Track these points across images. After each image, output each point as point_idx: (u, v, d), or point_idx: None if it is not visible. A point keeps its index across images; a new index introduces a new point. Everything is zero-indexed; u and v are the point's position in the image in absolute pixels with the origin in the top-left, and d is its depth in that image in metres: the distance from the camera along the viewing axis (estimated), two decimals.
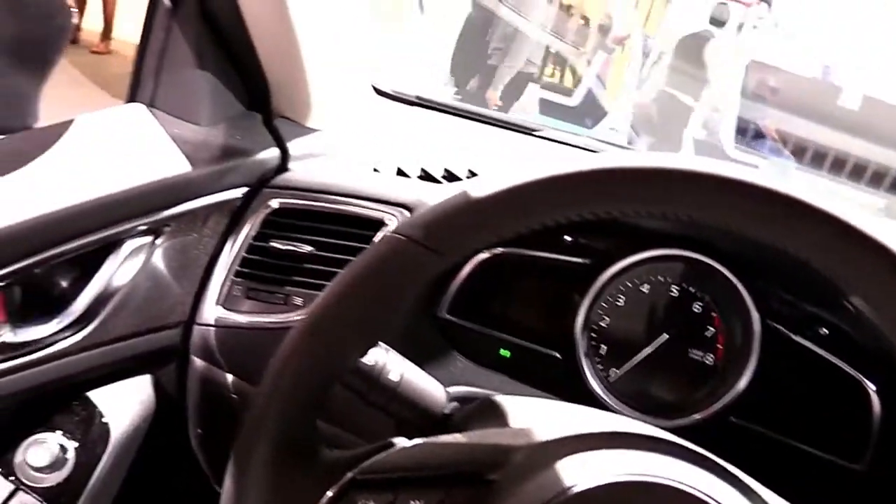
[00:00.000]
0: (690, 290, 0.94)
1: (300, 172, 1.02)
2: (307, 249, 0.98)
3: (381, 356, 0.75)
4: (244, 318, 1.00)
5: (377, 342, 0.72)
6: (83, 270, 0.91)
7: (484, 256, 0.96)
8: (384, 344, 0.74)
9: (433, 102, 1.35)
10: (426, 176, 1.05)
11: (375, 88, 1.27)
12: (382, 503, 0.59)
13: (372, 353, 0.72)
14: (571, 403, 0.75)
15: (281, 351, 0.62)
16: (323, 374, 0.61)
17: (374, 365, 0.77)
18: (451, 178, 1.05)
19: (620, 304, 0.95)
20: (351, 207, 0.98)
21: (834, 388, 0.90)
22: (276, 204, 1.00)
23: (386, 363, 0.76)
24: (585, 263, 0.94)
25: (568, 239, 0.94)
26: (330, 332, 0.61)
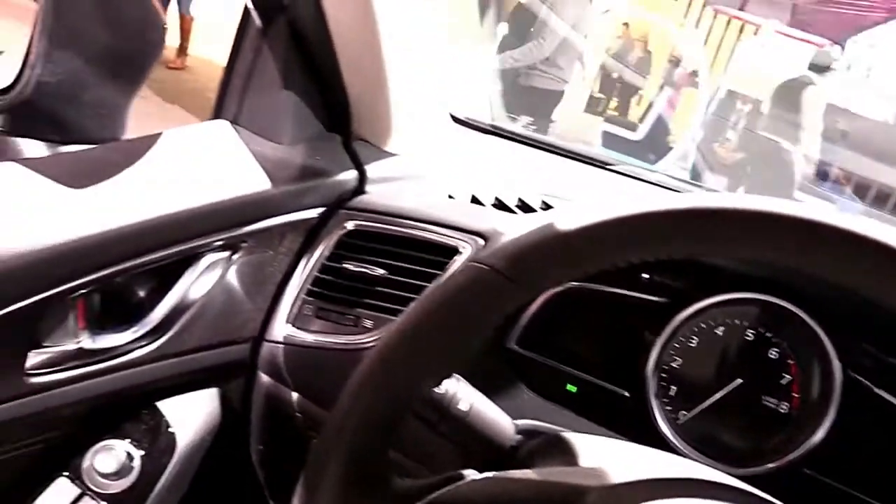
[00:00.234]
0: (767, 335, 0.92)
1: (376, 195, 1.03)
2: (380, 272, 0.98)
3: (451, 385, 0.75)
4: (313, 337, 1.00)
5: (452, 373, 0.71)
6: (161, 282, 0.93)
7: (556, 289, 0.95)
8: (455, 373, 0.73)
9: (507, 131, 1.35)
10: (500, 205, 1.05)
11: (452, 116, 1.28)
12: None
13: (443, 381, 0.72)
14: (640, 445, 0.73)
15: (355, 376, 0.62)
16: (397, 401, 0.61)
17: (444, 394, 0.76)
18: (524, 208, 1.04)
19: (693, 345, 0.93)
20: (425, 233, 0.97)
21: None
22: (351, 226, 1.00)
23: (456, 392, 0.76)
24: (661, 302, 0.92)
25: (645, 276, 0.93)
26: (406, 359, 0.60)
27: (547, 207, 1.04)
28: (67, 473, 0.90)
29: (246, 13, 0.97)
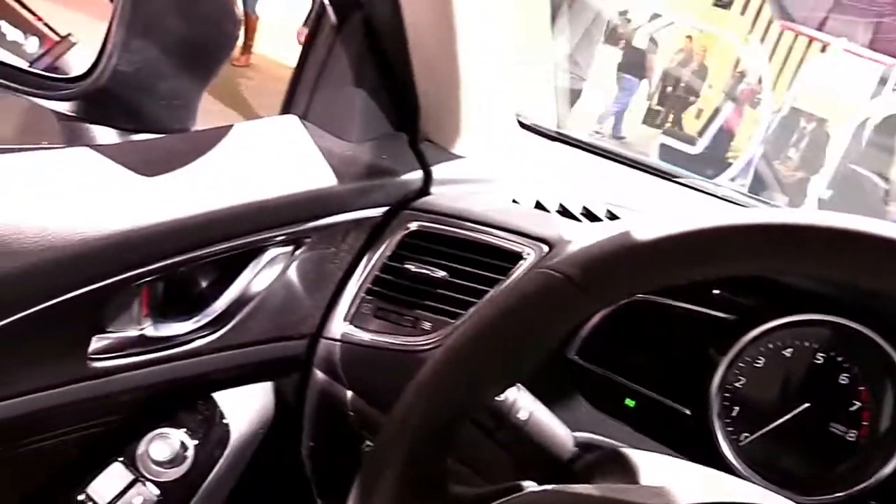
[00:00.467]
0: (838, 358, 0.88)
1: (441, 197, 1.02)
2: (441, 275, 0.97)
3: (511, 393, 0.73)
4: (370, 336, 0.99)
5: (517, 381, 0.70)
6: (224, 273, 0.93)
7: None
8: None
9: (572, 139, 1.33)
10: (564, 212, 1.03)
11: (519, 121, 1.26)
12: None
13: None
14: (700, 465, 0.71)
15: (418, 378, 0.61)
16: (459, 408, 0.60)
17: (503, 401, 0.75)
18: (589, 216, 1.03)
19: (759, 365, 0.90)
20: (489, 237, 0.96)
21: None
22: (414, 226, 0.99)
23: (516, 400, 0.74)
24: (730, 320, 0.90)
25: (715, 292, 0.90)
26: (471, 365, 0.59)
27: (612, 217, 1.02)
28: (122, 459, 0.91)
29: (321, 9, 0.97)
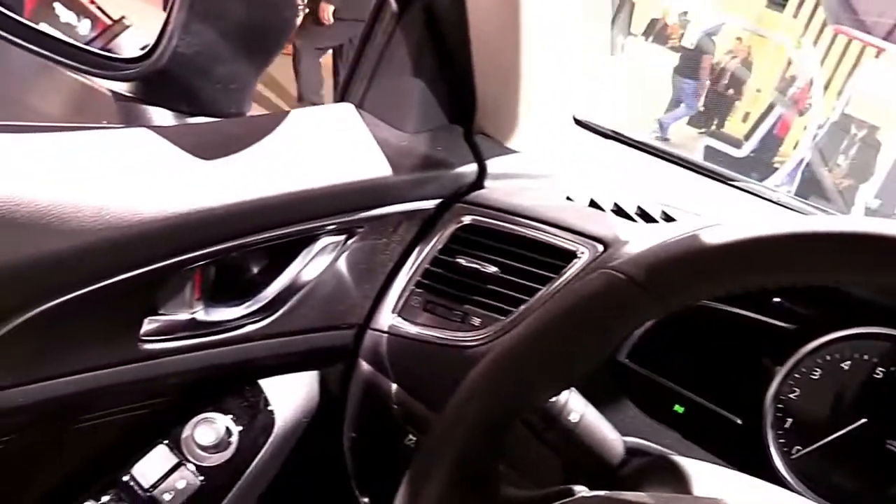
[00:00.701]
0: None
1: (495, 191, 1.00)
2: (492, 270, 0.96)
3: (563, 394, 0.72)
4: (418, 329, 0.98)
5: (573, 384, 0.68)
6: (276, 260, 0.92)
7: None
8: None
9: (628, 138, 1.31)
10: (619, 211, 1.01)
11: (575, 118, 1.25)
12: None
13: None
14: (753, 477, 0.70)
15: (472, 376, 0.60)
16: (512, 408, 0.58)
17: (555, 403, 0.73)
18: (643, 216, 1.00)
19: (815, 377, 0.88)
20: (542, 234, 0.95)
21: None
22: (467, 220, 0.98)
23: (567, 402, 0.73)
24: (789, 329, 0.87)
25: (776, 300, 0.88)
26: (528, 365, 0.58)
27: (668, 218, 1.00)
28: (167, 442, 0.91)
29: None
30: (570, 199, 1.04)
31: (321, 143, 0.91)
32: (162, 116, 0.89)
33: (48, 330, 0.73)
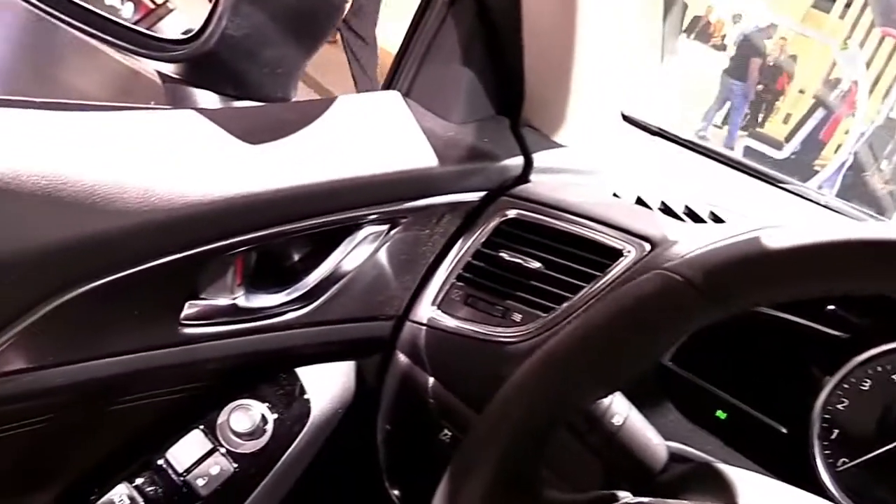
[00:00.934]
0: None
1: (540, 185, 0.99)
2: (535, 266, 0.94)
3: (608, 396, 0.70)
4: (457, 323, 0.97)
5: (622, 387, 0.66)
6: (317, 248, 0.91)
7: None
8: None
9: (676, 136, 1.28)
10: (666, 210, 0.99)
11: (623, 115, 1.22)
12: None
13: None
14: (796, 487, 0.67)
15: (518, 376, 0.58)
16: (559, 410, 0.57)
17: (598, 404, 0.72)
18: (691, 216, 0.98)
19: (865, 388, 0.85)
20: (588, 231, 0.93)
21: None
22: (512, 213, 0.96)
23: (611, 405, 0.71)
24: (842, 338, 0.85)
25: (830, 308, 0.85)
26: (577, 366, 0.56)
27: (716, 219, 0.98)
28: (202, 427, 0.90)
29: None
30: (616, 195, 1.02)
31: (367, 130, 0.90)
32: (208, 99, 0.88)
33: (89, 311, 0.72)
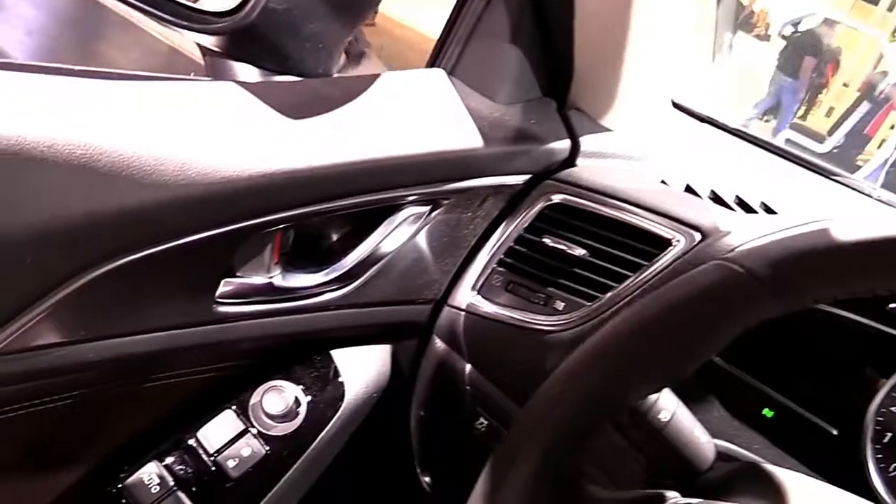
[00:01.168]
0: None
1: (587, 170, 0.95)
2: (580, 253, 0.91)
3: None
4: (497, 309, 0.95)
5: (674, 382, 0.64)
6: (357, 228, 0.89)
7: None
8: None
9: (726, 126, 1.24)
10: (716, 198, 0.95)
11: (673, 101, 1.18)
12: None
13: None
14: (848, 492, 0.65)
15: (566, 368, 0.56)
16: (607, 405, 0.55)
17: (644, 399, 0.69)
18: (742, 205, 0.95)
19: None
20: (636, 218, 0.90)
21: None
22: (557, 198, 0.94)
23: (658, 400, 0.69)
24: None
25: (892, 306, 0.81)
26: (629, 360, 0.54)
27: (768, 210, 0.94)
28: (234, 407, 0.89)
29: None
30: (664, 183, 0.98)
31: (410, 109, 0.88)
32: (248, 73, 0.86)
33: (123, 286, 0.71)
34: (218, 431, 0.87)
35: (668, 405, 0.69)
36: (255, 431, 0.88)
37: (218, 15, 0.82)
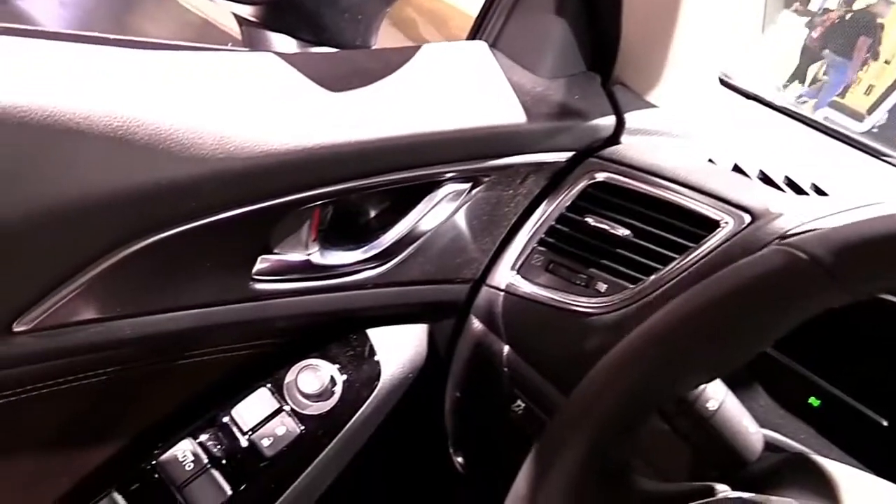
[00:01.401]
0: None
1: (632, 148, 0.92)
2: (623, 233, 0.88)
3: None
4: (537, 290, 0.92)
5: (728, 372, 0.61)
6: (397, 205, 0.87)
7: None
8: None
9: (773, 103, 1.20)
10: (765, 179, 0.92)
11: (721, 79, 1.14)
12: None
13: None
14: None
15: (615, 355, 0.53)
16: (658, 394, 0.52)
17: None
18: (792, 186, 0.91)
19: None
20: (683, 199, 0.87)
21: None
22: (601, 176, 0.91)
23: (705, 388, 0.66)
24: None
25: None
26: (682, 348, 0.51)
27: (819, 191, 0.91)
28: (269, 385, 0.87)
29: None
30: (712, 161, 0.95)
31: (452, 82, 0.85)
32: (285, 44, 0.84)
33: (160, 262, 0.69)
34: (252, 409, 0.86)
35: (716, 393, 0.66)
36: (289, 410, 0.87)
37: None
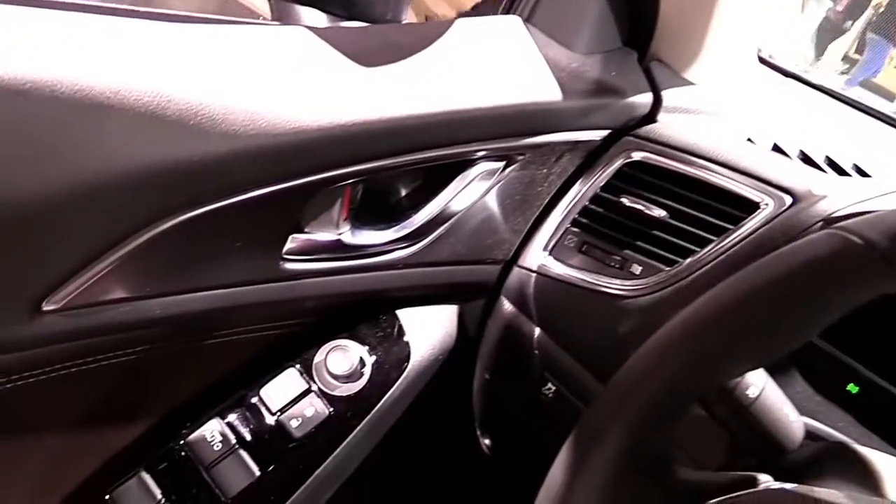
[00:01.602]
0: None
1: (668, 126, 0.90)
2: (659, 214, 0.86)
3: None
4: (570, 272, 0.91)
5: (774, 360, 0.59)
6: (429, 184, 0.85)
7: None
8: None
9: (813, 82, 1.17)
10: (805, 159, 0.89)
11: (760, 56, 1.11)
12: None
13: None
14: None
15: (656, 341, 0.52)
16: (700, 383, 0.51)
17: None
18: (834, 167, 0.88)
19: None
20: (721, 179, 0.84)
21: None
22: (637, 156, 0.88)
23: (746, 374, 0.64)
24: None
25: None
26: (727, 335, 0.50)
27: (861, 172, 0.88)
28: (298, 366, 0.86)
29: None
30: (751, 141, 0.92)
31: (485, 58, 0.83)
32: (315, 18, 0.82)
33: (189, 241, 0.68)
34: (281, 390, 0.85)
35: (756, 381, 0.64)
36: (318, 391, 0.86)
37: None
